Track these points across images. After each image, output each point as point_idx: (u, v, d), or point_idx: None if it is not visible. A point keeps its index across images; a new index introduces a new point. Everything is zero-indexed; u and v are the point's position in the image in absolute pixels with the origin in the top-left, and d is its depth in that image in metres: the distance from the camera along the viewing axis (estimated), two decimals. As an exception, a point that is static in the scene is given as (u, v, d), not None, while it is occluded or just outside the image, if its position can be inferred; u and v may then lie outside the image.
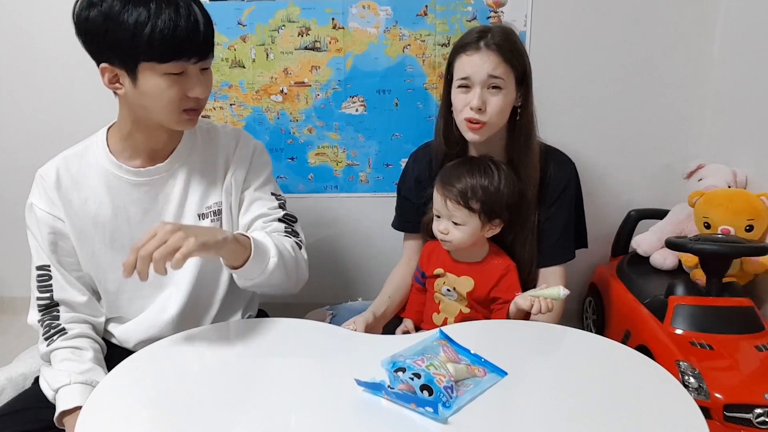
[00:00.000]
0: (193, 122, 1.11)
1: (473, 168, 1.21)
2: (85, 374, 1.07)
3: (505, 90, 1.20)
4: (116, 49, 1.00)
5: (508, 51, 1.20)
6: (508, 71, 1.20)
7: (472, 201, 1.18)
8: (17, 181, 2.07)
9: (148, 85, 1.03)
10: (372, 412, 0.81)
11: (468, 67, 1.20)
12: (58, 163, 1.16)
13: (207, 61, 1.07)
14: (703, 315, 1.33)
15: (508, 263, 1.26)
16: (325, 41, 1.85)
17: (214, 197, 1.19)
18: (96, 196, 1.14)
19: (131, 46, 0.99)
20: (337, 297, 2.04)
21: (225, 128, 1.27)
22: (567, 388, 0.86)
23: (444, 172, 1.24)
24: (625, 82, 1.82)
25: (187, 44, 1.01)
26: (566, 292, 1.09)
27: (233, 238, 1.00)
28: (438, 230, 1.23)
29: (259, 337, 1.01)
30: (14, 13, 1.89)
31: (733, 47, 1.72)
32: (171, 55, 1.00)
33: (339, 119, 1.92)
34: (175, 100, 1.05)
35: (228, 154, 1.22)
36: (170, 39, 0.98)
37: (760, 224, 1.50)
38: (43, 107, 1.98)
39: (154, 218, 1.15)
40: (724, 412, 1.14)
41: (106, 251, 1.15)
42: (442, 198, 1.20)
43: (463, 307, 1.26)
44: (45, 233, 1.14)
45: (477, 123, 1.21)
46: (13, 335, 2.09)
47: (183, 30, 0.99)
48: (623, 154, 1.89)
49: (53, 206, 1.14)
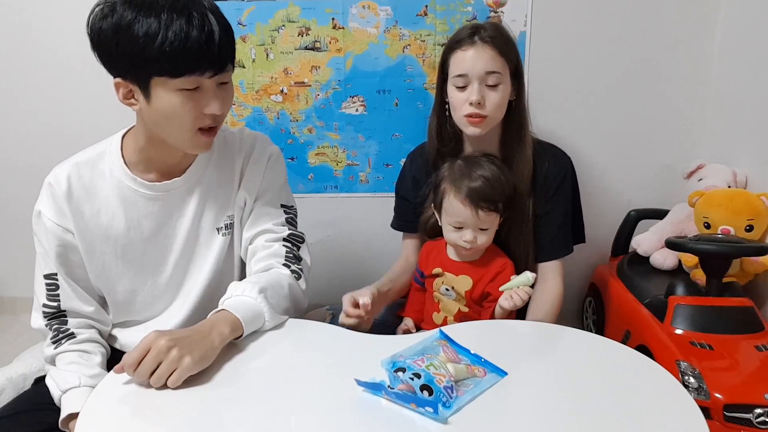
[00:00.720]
0: (209, 144, 1.05)
1: (478, 167, 1.21)
2: (95, 378, 1.05)
3: (502, 84, 1.21)
4: (128, 63, 0.95)
5: (502, 44, 1.21)
6: (504, 65, 1.21)
7: (499, 203, 1.20)
8: (17, 182, 2.08)
9: (162, 102, 0.97)
10: (372, 412, 0.81)
11: (464, 63, 1.20)
12: (70, 170, 1.10)
13: (224, 75, 1.00)
14: (703, 315, 1.33)
15: (505, 261, 1.26)
16: (325, 41, 1.85)
17: (229, 211, 1.16)
18: (109, 208, 1.10)
19: (142, 60, 0.93)
20: (336, 297, 2.04)
21: (242, 133, 1.21)
22: (567, 389, 0.85)
23: (460, 184, 1.20)
24: (626, 82, 1.82)
25: (200, 57, 0.94)
26: (533, 275, 1.12)
27: (228, 333, 0.94)
28: (463, 240, 1.21)
29: (259, 337, 1.01)
30: (17, 14, 1.89)
31: (733, 47, 1.71)
32: (183, 69, 0.94)
33: (339, 119, 1.92)
34: (190, 118, 0.99)
35: (243, 164, 1.17)
36: (181, 52, 0.92)
37: (760, 224, 1.49)
38: (44, 108, 1.98)
39: (168, 233, 1.12)
40: (724, 412, 1.14)
41: (116, 263, 1.12)
42: (473, 209, 1.18)
43: (462, 306, 1.26)
44: (53, 244, 1.09)
45: (477, 117, 1.20)
46: (13, 335, 2.09)
47: (195, 41, 0.92)
48: (623, 154, 1.89)
49: (63, 217, 1.09)
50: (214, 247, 1.16)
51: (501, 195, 1.20)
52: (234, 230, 1.18)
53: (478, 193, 1.18)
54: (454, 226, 1.22)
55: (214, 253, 1.16)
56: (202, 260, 1.15)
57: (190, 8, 0.93)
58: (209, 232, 1.15)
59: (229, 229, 1.17)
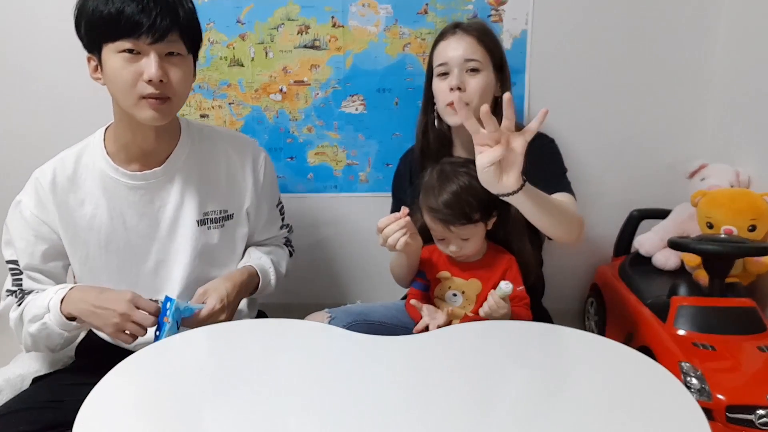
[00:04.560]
0: (159, 114, 1.07)
1: (447, 180, 1.17)
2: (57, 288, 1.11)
3: (483, 72, 1.22)
4: (86, 35, 1.04)
5: (483, 34, 1.23)
6: (485, 54, 1.22)
7: (472, 213, 1.15)
8: (16, 181, 2.07)
9: (107, 66, 1.04)
10: (372, 412, 0.80)
11: (445, 51, 1.23)
12: (55, 164, 1.15)
13: (168, 45, 1.05)
14: (705, 316, 1.32)
15: (508, 256, 1.26)
16: (324, 40, 1.84)
17: (214, 205, 1.19)
18: (92, 198, 1.14)
19: (92, 26, 1.02)
20: (335, 298, 2.04)
21: (229, 134, 1.27)
22: (568, 389, 0.85)
23: (428, 200, 1.18)
24: (628, 81, 1.81)
25: (134, 22, 1.00)
26: (509, 285, 1.08)
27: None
28: (449, 251, 1.20)
29: (259, 338, 1.00)
30: (14, 12, 1.88)
31: (736, 46, 1.70)
32: (120, 32, 1.01)
33: (339, 118, 1.91)
34: (129, 80, 1.04)
35: (239, 169, 1.22)
36: (116, 15, 1.00)
37: (763, 224, 1.49)
38: (40, 107, 1.97)
39: (150, 222, 1.15)
40: (727, 413, 1.13)
41: (100, 253, 1.15)
42: (443, 225, 1.16)
43: (468, 310, 1.25)
44: (25, 234, 1.14)
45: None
46: (12, 335, 2.08)
47: (134, 7, 0.99)
48: (625, 154, 1.88)
49: (44, 210, 1.13)
50: (195, 240, 1.18)
51: (474, 206, 1.15)
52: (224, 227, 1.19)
53: (443, 212, 1.15)
54: (437, 238, 1.22)
55: (195, 246, 1.18)
56: (183, 252, 1.18)
57: None
58: (190, 224, 1.17)
59: (213, 224, 1.19)
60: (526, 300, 1.24)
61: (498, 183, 0.97)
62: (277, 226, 1.36)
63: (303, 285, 1.96)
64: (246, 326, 1.08)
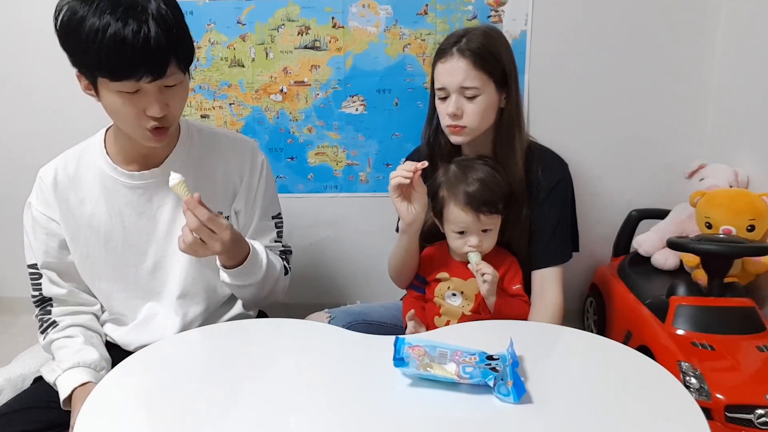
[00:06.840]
0: (162, 139, 1.05)
1: (471, 170, 1.20)
2: (75, 356, 1.11)
3: (482, 96, 1.20)
4: (76, 60, 0.97)
5: (480, 58, 1.19)
6: (483, 77, 1.20)
7: (498, 203, 1.19)
8: (17, 181, 2.07)
9: (106, 100, 0.99)
10: (372, 412, 0.80)
11: (442, 76, 1.22)
12: (58, 163, 1.16)
13: (168, 79, 0.98)
14: (704, 315, 1.32)
15: (509, 257, 1.26)
16: (324, 40, 1.84)
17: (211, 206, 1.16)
18: (92, 197, 1.15)
19: (85, 60, 0.95)
20: (335, 298, 2.04)
21: (229, 136, 1.25)
22: (567, 389, 0.85)
23: (459, 189, 1.19)
24: (627, 81, 1.82)
25: (134, 64, 0.92)
26: (475, 252, 1.16)
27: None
28: (469, 246, 1.19)
29: (259, 338, 1.01)
30: (14, 12, 1.89)
31: (734, 46, 1.71)
32: (119, 75, 0.94)
33: (339, 119, 1.91)
34: (132, 118, 1.00)
35: (234, 170, 1.21)
36: (115, 58, 0.91)
37: (761, 224, 1.49)
38: (43, 107, 1.98)
39: (148, 222, 1.16)
40: (726, 412, 1.14)
41: (100, 251, 1.16)
42: (475, 213, 1.17)
43: (466, 310, 1.25)
44: (38, 233, 1.15)
45: (457, 127, 1.23)
46: (12, 335, 2.09)
47: (130, 47, 0.90)
48: (624, 154, 1.88)
49: (48, 207, 1.15)
50: None
51: (499, 195, 1.19)
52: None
53: (476, 197, 1.17)
54: (457, 233, 1.21)
55: None
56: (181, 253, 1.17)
57: (130, 13, 0.91)
58: None
59: None
60: (525, 298, 1.26)
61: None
62: (270, 238, 1.27)
63: (303, 285, 1.96)
64: (246, 326, 1.09)
